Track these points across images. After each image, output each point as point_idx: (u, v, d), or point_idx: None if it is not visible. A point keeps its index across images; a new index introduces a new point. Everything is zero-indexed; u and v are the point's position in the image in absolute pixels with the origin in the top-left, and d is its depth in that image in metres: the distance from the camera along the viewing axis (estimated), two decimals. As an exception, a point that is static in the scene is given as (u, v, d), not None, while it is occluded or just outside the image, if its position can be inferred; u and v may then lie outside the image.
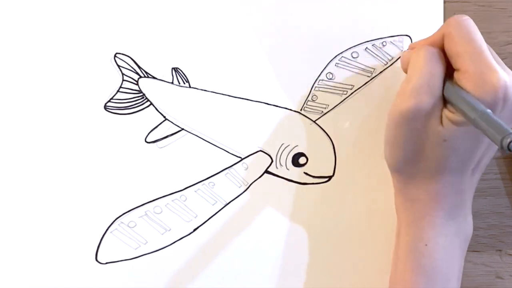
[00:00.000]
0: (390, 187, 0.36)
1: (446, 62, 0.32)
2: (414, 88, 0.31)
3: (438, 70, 0.31)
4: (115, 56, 0.38)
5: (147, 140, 0.38)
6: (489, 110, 0.28)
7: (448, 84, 0.31)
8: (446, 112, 0.31)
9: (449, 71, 0.32)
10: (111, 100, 0.38)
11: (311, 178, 0.39)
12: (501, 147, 0.25)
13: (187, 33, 0.39)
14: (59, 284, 0.38)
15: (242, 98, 0.39)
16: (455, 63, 0.31)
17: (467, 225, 0.35)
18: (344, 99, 0.39)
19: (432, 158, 0.32)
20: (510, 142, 0.25)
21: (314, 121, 0.39)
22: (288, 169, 0.39)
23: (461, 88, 0.31)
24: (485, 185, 0.39)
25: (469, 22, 0.32)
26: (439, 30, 0.33)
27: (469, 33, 0.31)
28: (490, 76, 0.30)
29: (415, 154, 0.32)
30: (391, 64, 0.39)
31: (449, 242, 0.33)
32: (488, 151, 0.33)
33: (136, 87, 0.39)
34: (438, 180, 0.33)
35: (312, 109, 0.39)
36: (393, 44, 0.39)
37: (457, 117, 0.30)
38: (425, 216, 0.33)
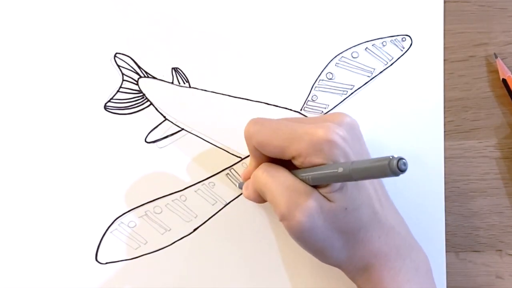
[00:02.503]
0: (390, 187, 0.36)
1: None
2: (285, 207, 0.30)
3: (285, 175, 0.31)
4: (115, 56, 0.38)
5: (147, 140, 0.38)
6: (350, 161, 0.28)
7: (302, 173, 0.31)
8: (323, 190, 0.31)
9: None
10: (111, 100, 0.38)
11: (311, 178, 0.39)
12: (393, 172, 0.24)
13: (187, 33, 0.39)
14: (59, 284, 0.38)
15: (242, 98, 0.39)
16: (284, 157, 0.31)
17: (420, 255, 0.34)
18: (344, 99, 0.39)
19: (351, 230, 0.32)
20: (397, 162, 0.24)
21: (314, 121, 0.39)
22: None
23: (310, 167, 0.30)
24: (485, 185, 0.39)
25: (263, 122, 0.32)
26: (248, 145, 0.33)
27: (272, 126, 0.32)
28: (319, 139, 0.30)
29: (339, 242, 0.32)
30: (391, 64, 0.39)
31: (415, 282, 0.33)
32: (374, 184, 0.34)
33: (136, 87, 0.39)
34: (370, 242, 0.32)
35: (312, 109, 0.39)
36: (393, 44, 0.39)
37: (335, 186, 0.30)
38: (381, 277, 0.32)
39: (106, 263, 0.38)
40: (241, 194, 0.38)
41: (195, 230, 0.39)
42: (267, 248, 0.39)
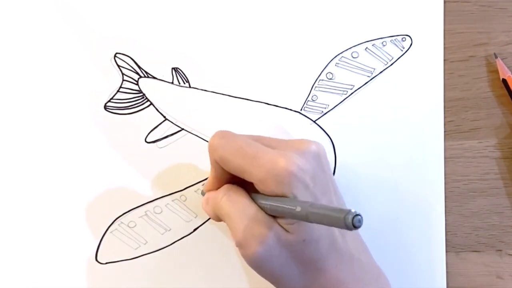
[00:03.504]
0: (390, 187, 0.36)
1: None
2: (241, 234, 0.30)
3: (245, 201, 0.31)
4: (115, 56, 0.38)
5: (147, 140, 0.38)
6: (309, 202, 0.28)
7: (261, 200, 0.31)
8: (281, 221, 0.30)
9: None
10: (111, 100, 0.38)
11: (311, 178, 0.39)
12: (347, 227, 0.24)
13: (187, 33, 0.39)
14: (59, 284, 0.38)
15: (242, 98, 0.39)
16: (244, 177, 0.31)
17: (386, 283, 0.34)
18: (344, 99, 0.39)
19: (309, 260, 0.31)
20: (352, 219, 0.24)
21: (314, 121, 0.39)
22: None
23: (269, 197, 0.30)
24: (485, 185, 0.39)
25: (229, 137, 0.31)
26: (210, 159, 0.33)
27: (237, 145, 0.31)
28: (279, 168, 0.29)
29: (296, 271, 0.31)
30: (391, 64, 0.39)
31: None
32: None
33: (136, 87, 0.39)
34: (328, 271, 0.32)
35: (312, 109, 0.39)
36: (393, 44, 0.39)
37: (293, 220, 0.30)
38: None
39: (106, 263, 0.38)
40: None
41: (195, 230, 0.39)
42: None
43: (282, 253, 0.31)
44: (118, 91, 0.38)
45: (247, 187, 0.32)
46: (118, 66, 0.38)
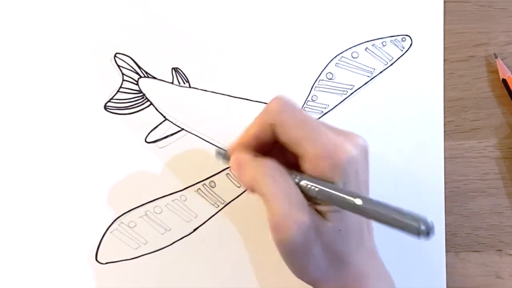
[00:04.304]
0: (391, 187, 0.36)
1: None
2: (281, 218, 0.29)
3: (288, 182, 0.30)
4: (115, 56, 0.38)
5: (147, 140, 0.38)
6: (367, 197, 0.28)
7: (307, 181, 0.30)
8: (323, 207, 0.30)
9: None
10: (111, 100, 0.38)
11: (311, 178, 0.39)
12: (417, 234, 0.24)
13: (187, 33, 0.39)
14: (59, 284, 0.38)
15: (242, 98, 0.39)
16: (297, 149, 0.30)
17: (392, 283, 0.34)
18: (344, 99, 0.39)
19: (339, 251, 0.31)
20: (427, 227, 0.24)
21: (314, 121, 0.39)
22: (288, 169, 0.39)
23: (320, 181, 0.29)
24: (485, 185, 0.39)
25: (291, 105, 0.30)
26: (263, 117, 0.31)
27: (301, 116, 0.30)
28: (340, 152, 0.29)
29: (324, 261, 0.31)
30: (391, 64, 0.39)
31: None
32: None
33: (136, 87, 0.39)
34: (354, 265, 0.31)
35: (312, 109, 0.39)
36: (393, 44, 0.39)
37: (336, 207, 0.29)
38: None
39: (106, 263, 0.38)
40: (241, 194, 0.38)
41: (195, 230, 0.39)
42: (267, 248, 0.39)
43: (316, 242, 0.30)
44: (118, 91, 0.38)
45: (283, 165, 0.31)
46: (118, 66, 0.38)
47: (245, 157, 0.31)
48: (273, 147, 0.31)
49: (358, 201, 0.27)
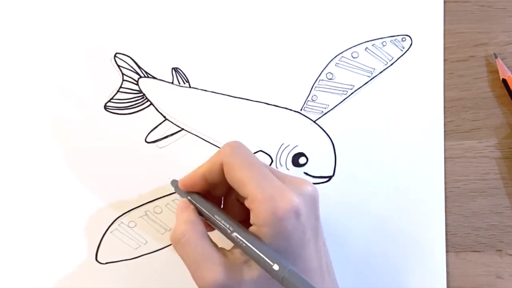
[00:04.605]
0: (390, 187, 0.36)
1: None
2: (197, 280, 0.30)
3: (202, 243, 0.30)
4: (115, 56, 0.38)
5: (147, 140, 0.38)
6: (289, 266, 0.28)
7: (239, 240, 0.30)
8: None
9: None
10: (111, 100, 0.38)
11: (311, 178, 0.39)
12: None
13: (187, 33, 0.39)
14: (59, 284, 0.38)
15: (242, 98, 0.39)
16: (240, 190, 0.30)
17: None
18: (344, 99, 0.39)
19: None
20: None
21: (314, 121, 0.39)
22: (288, 169, 0.39)
23: (251, 236, 0.30)
24: (485, 185, 0.39)
25: (243, 149, 0.31)
26: (215, 157, 0.32)
27: (249, 159, 0.31)
28: (281, 199, 0.29)
29: None
30: (391, 64, 0.39)
31: None
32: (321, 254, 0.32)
33: (136, 87, 0.39)
34: None
35: (312, 109, 0.39)
36: (393, 44, 0.39)
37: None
38: None
39: (106, 263, 0.38)
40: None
41: (195, 230, 0.39)
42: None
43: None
44: (118, 91, 0.38)
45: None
46: (118, 66, 0.38)
47: (181, 206, 0.32)
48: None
49: (276, 267, 0.28)
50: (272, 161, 0.39)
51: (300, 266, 0.30)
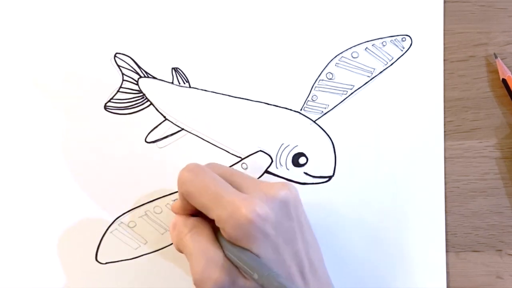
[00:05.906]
0: (390, 187, 0.36)
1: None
2: (198, 276, 0.30)
3: (208, 240, 0.31)
4: (115, 56, 0.38)
5: (147, 140, 0.38)
6: (270, 271, 0.29)
7: (224, 242, 0.31)
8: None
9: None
10: (111, 100, 0.38)
11: (311, 178, 0.39)
12: None
13: (187, 33, 0.39)
14: (59, 284, 0.38)
15: (242, 98, 0.39)
16: (208, 215, 0.31)
17: None
18: (344, 99, 0.39)
19: None
20: None
21: (314, 121, 0.39)
22: (288, 169, 0.39)
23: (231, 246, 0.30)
24: (485, 185, 0.39)
25: (196, 171, 0.31)
26: (178, 190, 0.32)
27: (204, 182, 0.31)
28: (239, 214, 0.29)
29: None
30: (391, 64, 0.39)
31: None
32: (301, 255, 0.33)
33: (136, 87, 0.39)
34: None
35: (312, 109, 0.39)
36: (393, 44, 0.39)
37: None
38: None
39: (106, 263, 0.38)
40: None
41: (195, 230, 0.39)
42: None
43: None
44: (118, 91, 0.38)
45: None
46: (118, 66, 0.38)
47: (177, 219, 0.33)
48: None
49: (255, 276, 0.29)
50: (272, 161, 0.39)
51: (278, 271, 0.30)
